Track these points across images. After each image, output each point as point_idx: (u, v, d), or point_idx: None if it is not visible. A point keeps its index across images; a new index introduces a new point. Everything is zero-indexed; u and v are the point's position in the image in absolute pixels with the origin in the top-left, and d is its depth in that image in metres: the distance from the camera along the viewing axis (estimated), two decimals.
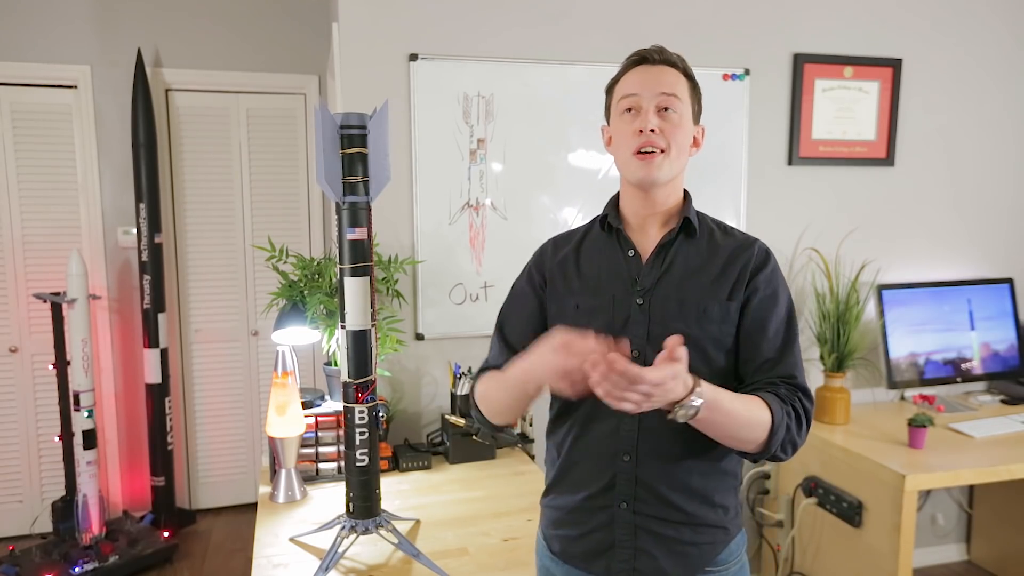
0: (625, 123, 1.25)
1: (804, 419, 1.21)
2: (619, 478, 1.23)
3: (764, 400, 1.16)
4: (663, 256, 1.26)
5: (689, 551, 1.24)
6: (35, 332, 3.42)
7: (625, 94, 1.25)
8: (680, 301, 1.22)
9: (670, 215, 1.29)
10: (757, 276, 1.24)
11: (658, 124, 1.21)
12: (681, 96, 1.24)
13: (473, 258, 2.48)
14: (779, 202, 2.78)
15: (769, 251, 1.28)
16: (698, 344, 1.20)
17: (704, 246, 1.27)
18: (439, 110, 2.39)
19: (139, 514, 3.44)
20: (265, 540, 1.77)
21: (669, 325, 1.21)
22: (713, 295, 1.22)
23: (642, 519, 1.23)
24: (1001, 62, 2.97)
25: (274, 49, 3.60)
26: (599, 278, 1.29)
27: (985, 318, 2.94)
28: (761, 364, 1.23)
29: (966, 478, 2.29)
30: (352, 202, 1.60)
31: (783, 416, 1.16)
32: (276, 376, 1.99)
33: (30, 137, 3.35)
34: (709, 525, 1.24)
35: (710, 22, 2.62)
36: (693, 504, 1.23)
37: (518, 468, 2.22)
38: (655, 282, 1.24)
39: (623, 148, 1.25)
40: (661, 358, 1.01)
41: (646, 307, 1.23)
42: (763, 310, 1.23)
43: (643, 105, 1.23)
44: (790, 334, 1.25)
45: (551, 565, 1.35)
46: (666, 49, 1.26)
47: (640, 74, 1.25)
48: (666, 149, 1.22)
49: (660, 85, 1.22)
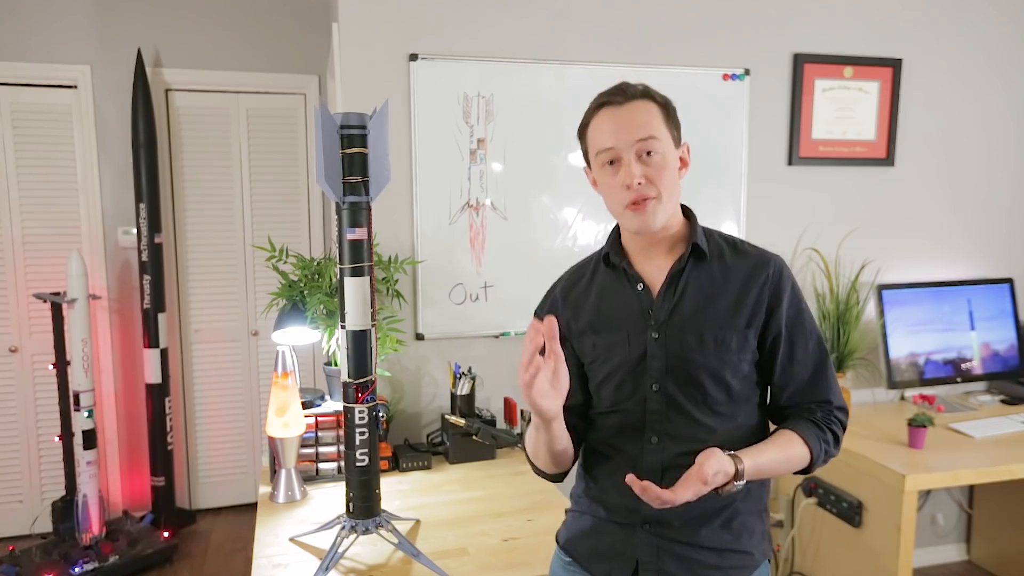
0: (608, 176, 1.20)
1: (841, 435, 1.24)
2: (645, 507, 1.21)
3: (802, 436, 1.19)
4: (675, 286, 1.23)
5: (712, 575, 1.23)
6: (35, 332, 3.42)
7: (601, 148, 1.19)
8: (698, 333, 1.20)
9: (675, 241, 1.25)
10: (779, 301, 1.22)
11: (642, 172, 1.17)
12: (658, 134, 1.18)
13: (473, 258, 2.48)
14: (779, 202, 2.78)
15: (784, 268, 1.24)
16: (717, 374, 1.20)
17: (716, 269, 1.23)
18: (439, 110, 2.39)
19: (139, 514, 3.44)
20: (265, 540, 1.77)
21: (688, 357, 1.20)
22: (731, 325, 1.20)
23: (666, 543, 1.22)
24: (1001, 62, 2.97)
25: (274, 49, 3.60)
26: (612, 315, 1.27)
27: (985, 318, 2.94)
28: (797, 389, 1.25)
29: (966, 478, 2.28)
30: (352, 202, 1.60)
31: (820, 447, 1.20)
32: (276, 376, 1.99)
33: (30, 137, 3.35)
34: (733, 551, 1.23)
35: (710, 22, 2.62)
36: (714, 528, 1.22)
37: (518, 468, 2.22)
38: (669, 314, 1.22)
39: (613, 202, 1.22)
40: (693, 474, 1.08)
41: (662, 340, 1.21)
42: (790, 335, 1.23)
43: (623, 156, 1.17)
44: (821, 353, 1.25)
45: (563, 574, 1.36)
46: (628, 84, 1.20)
47: (610, 120, 1.18)
48: (657, 195, 1.18)
49: (634, 131, 1.16)
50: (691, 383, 1.20)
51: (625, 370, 1.23)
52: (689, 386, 1.20)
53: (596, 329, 1.28)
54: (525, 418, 2.38)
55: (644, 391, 1.22)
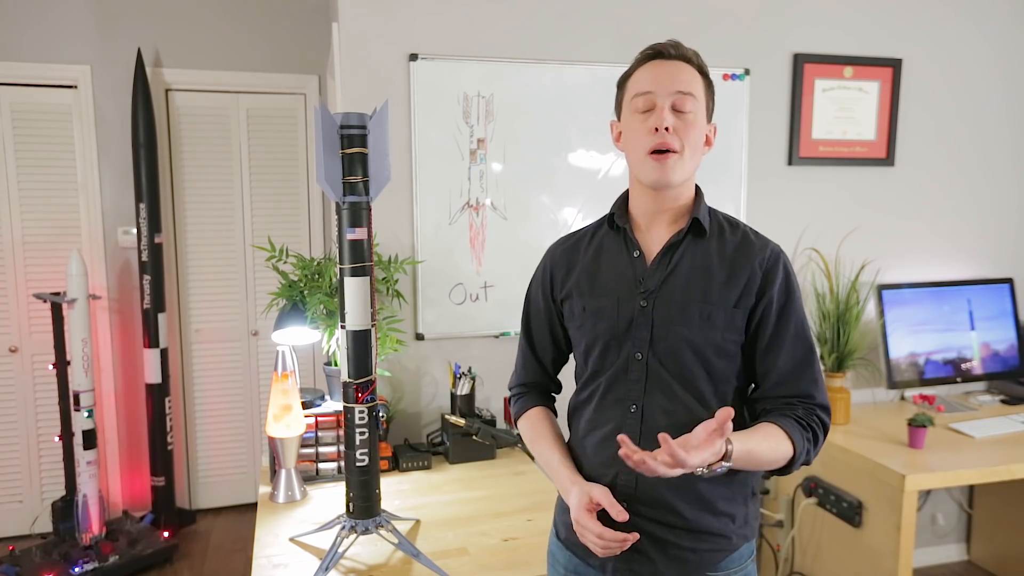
0: (639, 121, 1.21)
1: (822, 437, 1.22)
2: (620, 478, 1.23)
3: (786, 431, 1.16)
4: (669, 257, 1.24)
5: (687, 556, 1.23)
6: (35, 332, 3.42)
7: (639, 91, 1.21)
8: (684, 304, 1.20)
9: (680, 214, 1.26)
10: (771, 285, 1.21)
11: (673, 123, 1.18)
12: (697, 95, 1.20)
13: (473, 258, 2.47)
14: (779, 202, 2.78)
15: (781, 256, 1.24)
16: (700, 350, 1.20)
17: (713, 247, 1.24)
18: (439, 110, 2.39)
19: (139, 514, 3.44)
20: (265, 540, 1.77)
21: (672, 329, 1.20)
22: (719, 301, 1.20)
23: (642, 521, 1.22)
24: (1001, 62, 2.97)
25: (274, 49, 3.60)
26: (605, 279, 1.28)
27: (985, 318, 2.94)
28: (779, 380, 1.22)
29: (966, 478, 2.28)
30: (352, 202, 1.60)
31: (803, 444, 1.17)
32: (276, 376, 1.99)
33: (30, 137, 3.35)
34: (711, 533, 1.23)
35: (710, 22, 2.62)
36: (694, 511, 1.21)
37: (518, 468, 2.22)
38: (659, 284, 1.22)
39: (636, 146, 1.21)
40: (708, 430, 1.04)
41: (649, 309, 1.22)
42: (777, 321, 1.21)
43: (658, 103, 1.19)
44: (807, 345, 1.23)
45: (556, 551, 1.38)
46: (682, 44, 1.22)
47: (655, 70, 1.20)
48: (680, 150, 1.18)
49: (676, 83, 1.18)
50: (673, 355, 1.20)
51: (610, 335, 1.24)
52: (670, 358, 1.21)
53: (587, 291, 1.29)
54: None
55: (627, 359, 1.23)
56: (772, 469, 1.18)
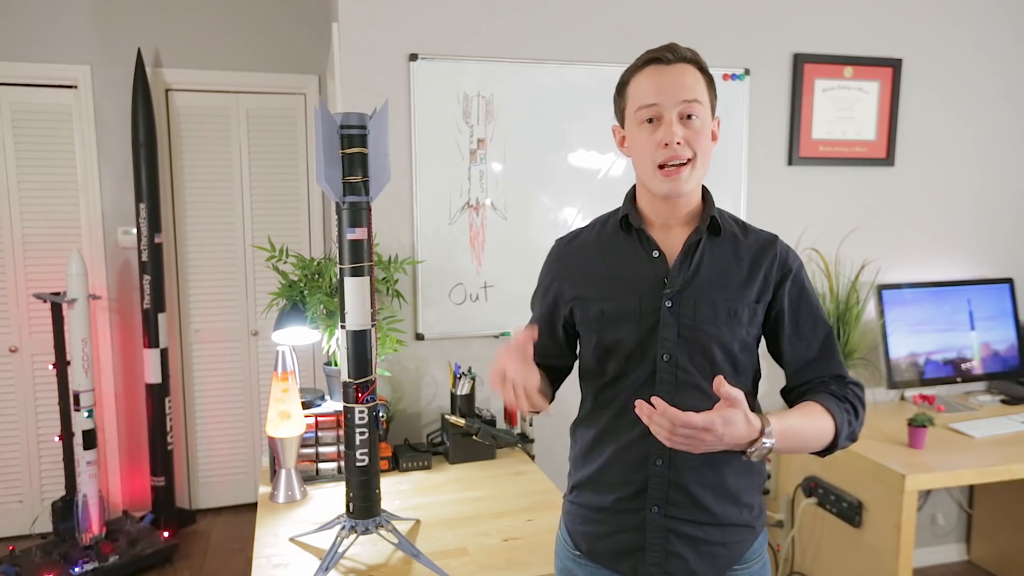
0: (646, 132, 1.19)
1: (861, 409, 1.24)
2: (652, 482, 1.22)
3: (824, 405, 1.19)
4: (691, 257, 1.23)
5: (718, 551, 1.24)
6: (35, 332, 3.42)
7: (644, 103, 1.18)
8: (712, 303, 1.21)
9: (691, 216, 1.26)
10: (786, 278, 1.25)
11: (683, 134, 1.17)
12: (702, 99, 1.19)
13: (473, 258, 2.48)
14: (779, 202, 2.78)
15: (790, 249, 1.29)
16: (727, 346, 1.21)
17: (728, 246, 1.25)
18: (439, 110, 2.39)
19: (139, 514, 3.44)
20: (265, 540, 1.77)
21: (700, 328, 1.20)
22: (742, 297, 1.22)
23: (673, 522, 1.22)
24: (1001, 62, 2.97)
25: (274, 49, 3.60)
26: (622, 280, 1.26)
27: (985, 318, 2.94)
28: (806, 364, 1.26)
29: (966, 478, 2.28)
30: (352, 202, 1.60)
31: (843, 416, 1.20)
32: (276, 376, 1.99)
33: (30, 137, 3.35)
34: (737, 525, 1.25)
35: (710, 22, 2.62)
36: (722, 504, 1.23)
37: (518, 468, 2.22)
38: (684, 284, 1.22)
39: (644, 158, 1.20)
40: (719, 406, 1.04)
41: (675, 310, 1.21)
42: (795, 310, 1.25)
43: (665, 116, 1.17)
44: (827, 331, 1.28)
45: (573, 567, 1.33)
46: (678, 46, 1.20)
47: (657, 79, 1.18)
48: (692, 159, 1.18)
49: (681, 91, 1.17)
50: (702, 353, 1.21)
51: (634, 338, 1.23)
52: (700, 356, 1.21)
53: (604, 295, 1.26)
54: (525, 418, 2.38)
55: (654, 360, 1.22)
56: (821, 448, 1.20)
